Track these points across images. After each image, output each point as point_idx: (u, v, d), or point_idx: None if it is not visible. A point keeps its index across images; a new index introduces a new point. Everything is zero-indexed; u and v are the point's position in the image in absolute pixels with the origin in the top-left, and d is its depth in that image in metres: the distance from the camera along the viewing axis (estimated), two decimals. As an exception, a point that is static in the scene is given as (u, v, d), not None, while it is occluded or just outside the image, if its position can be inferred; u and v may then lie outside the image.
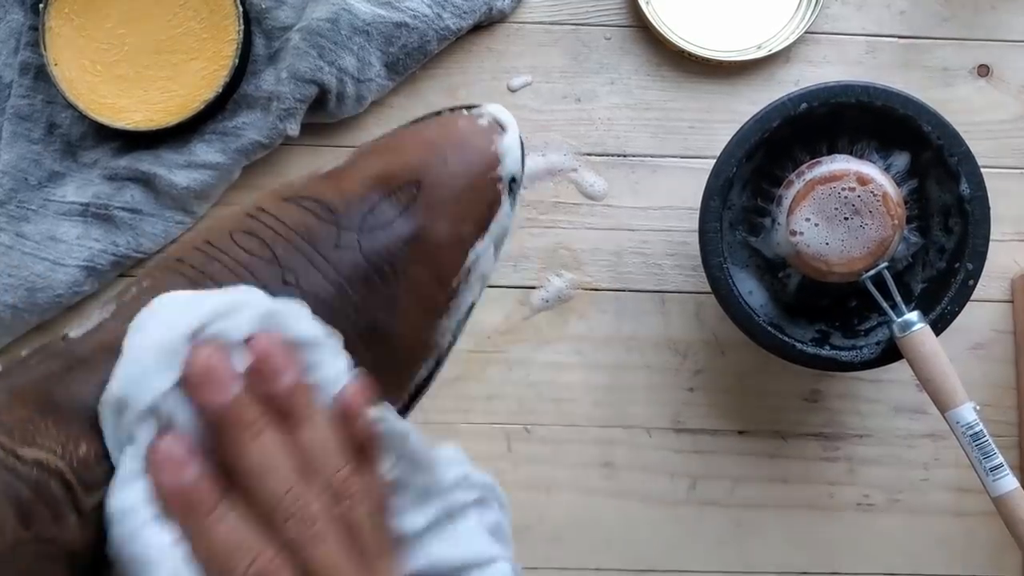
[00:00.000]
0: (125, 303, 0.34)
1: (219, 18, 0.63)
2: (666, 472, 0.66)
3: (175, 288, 0.34)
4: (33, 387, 0.32)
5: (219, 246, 0.36)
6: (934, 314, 0.57)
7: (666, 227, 0.67)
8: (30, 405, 0.31)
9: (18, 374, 0.32)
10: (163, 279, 0.35)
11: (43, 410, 0.31)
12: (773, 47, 0.66)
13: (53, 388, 0.32)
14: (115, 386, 0.30)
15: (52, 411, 0.31)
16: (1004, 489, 0.54)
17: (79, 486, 0.31)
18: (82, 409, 0.31)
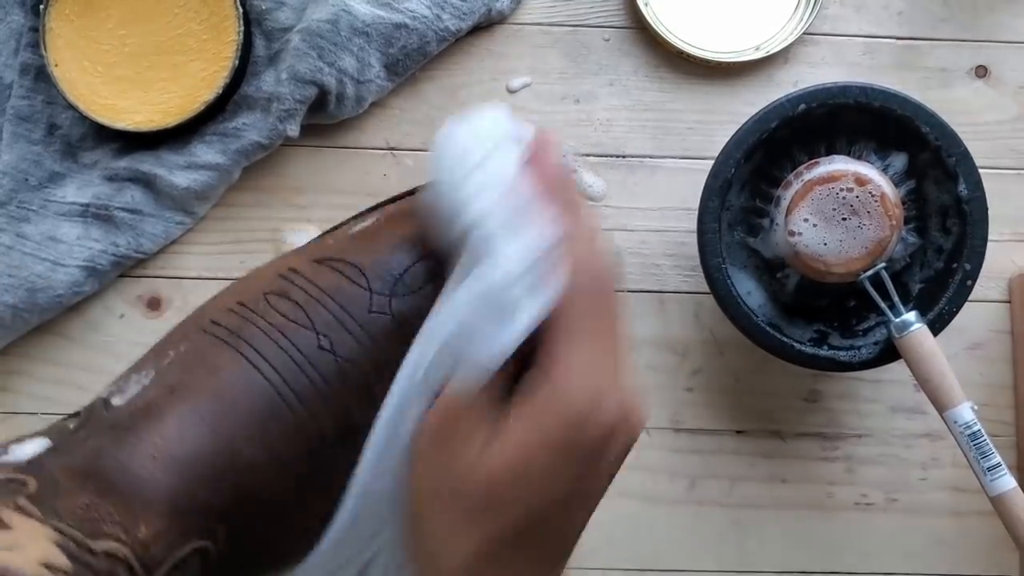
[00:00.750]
0: (163, 368, 0.35)
1: (219, 19, 0.63)
2: (665, 472, 0.67)
3: (214, 354, 0.34)
4: (88, 466, 0.32)
5: (253, 308, 0.36)
6: (932, 314, 0.57)
7: (665, 228, 0.67)
8: (89, 487, 0.31)
9: (70, 451, 0.32)
10: (201, 342, 0.35)
11: (102, 492, 0.31)
12: (771, 48, 0.66)
13: (107, 465, 0.32)
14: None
15: (110, 492, 0.31)
16: (1002, 488, 0.54)
17: (141, 569, 0.31)
18: (136, 483, 0.31)
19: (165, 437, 0.34)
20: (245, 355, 0.35)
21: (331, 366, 0.35)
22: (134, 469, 0.32)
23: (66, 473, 0.31)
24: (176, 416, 0.34)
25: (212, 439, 0.34)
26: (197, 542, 0.33)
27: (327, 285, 0.37)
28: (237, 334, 0.35)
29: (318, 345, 0.36)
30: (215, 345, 0.35)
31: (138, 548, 0.31)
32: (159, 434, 0.32)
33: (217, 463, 0.34)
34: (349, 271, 0.38)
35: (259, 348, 0.35)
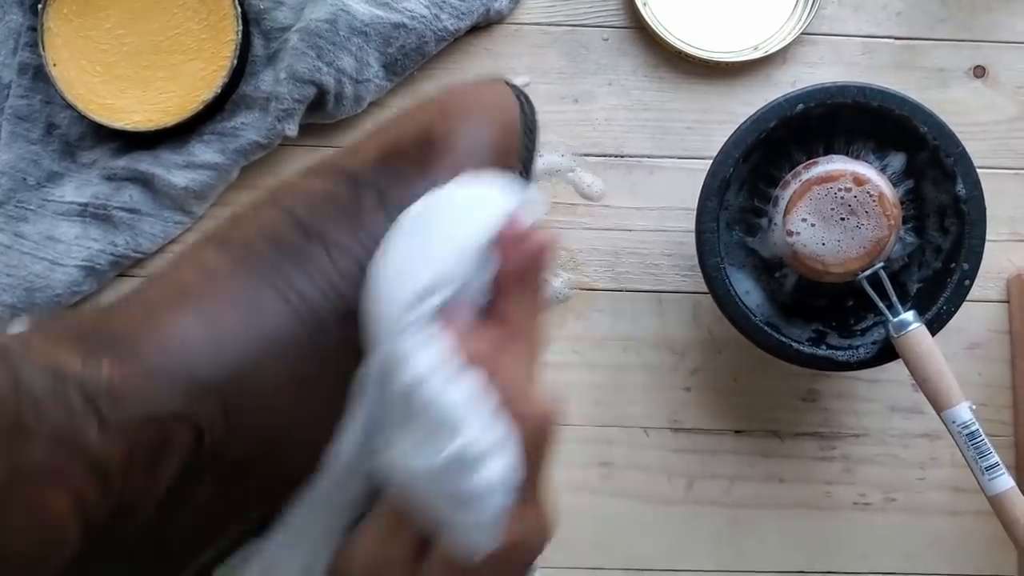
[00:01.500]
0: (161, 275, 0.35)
1: (217, 19, 0.63)
2: (663, 471, 0.67)
3: (209, 258, 0.35)
4: (67, 329, 0.32)
5: (242, 215, 0.37)
6: (930, 314, 0.57)
7: (663, 227, 0.67)
8: (62, 344, 0.31)
9: (51, 325, 0.32)
10: (200, 252, 0.36)
11: (69, 340, 0.31)
12: (770, 48, 0.66)
13: (84, 330, 0.32)
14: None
15: (77, 340, 0.31)
16: (1000, 488, 0.54)
17: (104, 399, 0.30)
18: (113, 340, 0.31)
19: (156, 315, 0.34)
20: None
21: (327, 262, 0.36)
22: (111, 329, 0.31)
23: (44, 334, 0.31)
24: (171, 306, 0.34)
25: (205, 323, 0.34)
26: (183, 412, 0.32)
27: (315, 188, 0.38)
28: (226, 237, 0.36)
29: (306, 237, 0.36)
30: (208, 248, 0.36)
31: (101, 381, 0.30)
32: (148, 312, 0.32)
33: (210, 342, 0.33)
34: (337, 175, 0.39)
35: (248, 246, 0.36)
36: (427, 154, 0.39)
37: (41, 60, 0.63)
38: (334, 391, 0.35)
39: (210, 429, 0.32)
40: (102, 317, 0.34)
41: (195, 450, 0.32)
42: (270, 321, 0.34)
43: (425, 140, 0.39)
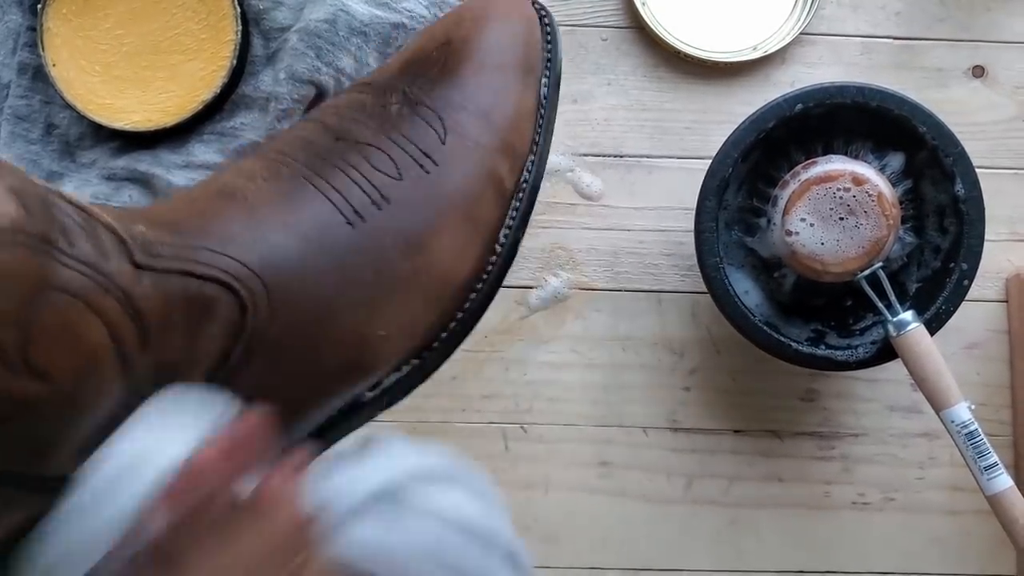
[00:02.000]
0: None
1: (217, 19, 0.63)
2: (662, 471, 0.67)
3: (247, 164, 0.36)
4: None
5: (276, 134, 0.39)
6: (929, 314, 0.57)
7: (662, 227, 0.67)
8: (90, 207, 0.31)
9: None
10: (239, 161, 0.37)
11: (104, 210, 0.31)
12: (769, 48, 0.66)
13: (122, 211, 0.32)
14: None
15: (114, 213, 0.31)
16: (998, 488, 0.54)
17: (137, 249, 0.30)
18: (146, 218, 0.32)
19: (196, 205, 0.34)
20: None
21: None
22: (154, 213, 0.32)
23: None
24: (212, 199, 0.34)
25: (246, 214, 0.34)
26: (222, 279, 0.32)
27: (344, 101, 0.39)
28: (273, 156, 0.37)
29: (335, 137, 0.37)
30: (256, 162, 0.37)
31: (133, 233, 0.30)
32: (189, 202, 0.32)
33: (250, 229, 0.34)
34: (363, 88, 0.40)
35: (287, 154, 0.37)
36: (448, 56, 0.39)
37: (40, 60, 0.63)
38: (375, 281, 0.36)
39: (254, 306, 0.32)
40: (141, 209, 0.34)
41: (240, 325, 0.32)
42: (308, 214, 0.35)
43: (445, 44, 0.40)
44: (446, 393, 0.66)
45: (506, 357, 0.67)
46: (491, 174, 0.39)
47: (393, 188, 0.37)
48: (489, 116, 0.39)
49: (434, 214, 0.37)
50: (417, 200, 0.37)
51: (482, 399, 0.66)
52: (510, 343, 0.67)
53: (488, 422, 0.66)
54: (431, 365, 0.39)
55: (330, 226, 0.35)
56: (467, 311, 0.40)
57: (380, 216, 0.36)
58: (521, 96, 0.41)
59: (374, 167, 0.37)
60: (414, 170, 0.37)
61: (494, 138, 0.39)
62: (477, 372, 0.66)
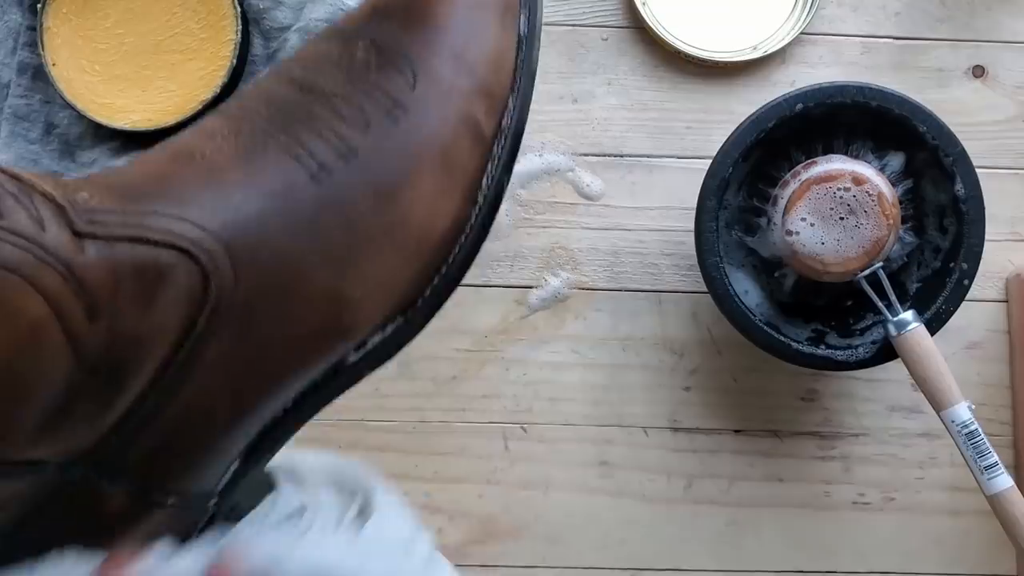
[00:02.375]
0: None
1: (217, 18, 0.63)
2: (663, 471, 0.67)
3: (208, 124, 0.35)
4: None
5: (241, 90, 0.37)
6: (929, 313, 0.57)
7: (662, 227, 0.67)
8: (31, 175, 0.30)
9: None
10: (200, 122, 0.36)
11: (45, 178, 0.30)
12: (769, 48, 0.66)
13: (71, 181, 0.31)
14: None
15: (56, 182, 0.30)
16: (999, 488, 0.54)
17: (78, 215, 0.29)
18: (97, 185, 0.31)
19: (150, 168, 0.32)
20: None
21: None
22: (109, 180, 0.31)
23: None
24: (169, 163, 0.33)
25: (205, 176, 0.33)
26: (176, 243, 0.30)
27: (309, 51, 0.37)
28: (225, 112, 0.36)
29: (299, 88, 0.36)
30: (213, 119, 0.36)
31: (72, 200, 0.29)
32: (143, 167, 0.31)
33: (211, 192, 0.32)
34: (329, 33, 0.38)
35: (240, 115, 0.35)
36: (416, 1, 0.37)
37: (40, 60, 0.63)
38: (346, 238, 0.34)
39: (216, 272, 0.31)
40: (90, 175, 0.33)
41: (202, 292, 0.31)
42: (271, 172, 0.33)
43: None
44: (446, 393, 0.66)
45: (506, 357, 0.67)
46: (467, 118, 0.37)
47: (361, 139, 0.35)
48: (462, 57, 0.37)
49: (405, 164, 0.35)
50: (386, 150, 0.35)
51: (482, 399, 0.66)
52: (510, 343, 0.67)
53: (488, 422, 0.66)
54: (416, 323, 0.37)
55: (295, 183, 0.33)
56: (451, 265, 0.37)
57: (347, 169, 0.34)
58: (498, 35, 0.38)
59: (340, 118, 0.35)
60: (383, 119, 0.35)
61: (469, 80, 0.37)
62: (477, 372, 0.66)
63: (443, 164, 0.36)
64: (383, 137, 0.35)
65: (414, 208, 0.35)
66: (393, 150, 0.35)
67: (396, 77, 0.36)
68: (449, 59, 0.37)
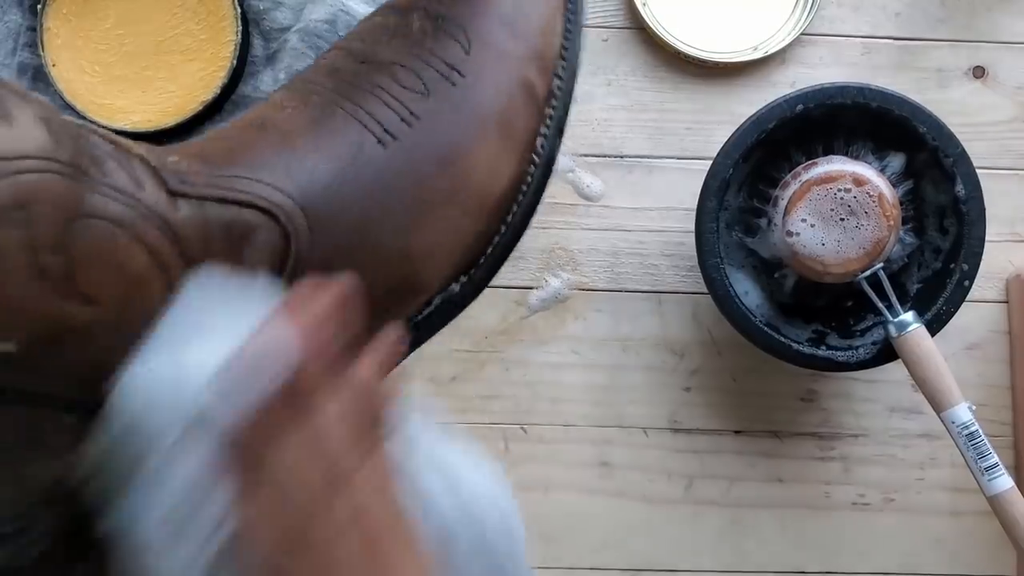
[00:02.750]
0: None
1: (217, 19, 0.63)
2: (663, 472, 0.67)
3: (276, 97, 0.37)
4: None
5: (310, 66, 0.39)
6: (929, 314, 0.57)
7: (663, 228, 0.67)
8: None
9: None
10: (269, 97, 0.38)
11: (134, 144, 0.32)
12: (769, 49, 0.66)
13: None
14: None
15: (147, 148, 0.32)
16: (999, 488, 0.54)
17: (171, 176, 0.30)
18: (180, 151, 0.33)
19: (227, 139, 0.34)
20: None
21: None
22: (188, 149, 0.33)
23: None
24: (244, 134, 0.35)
25: (278, 145, 0.34)
26: (260, 204, 0.32)
27: (367, 24, 0.40)
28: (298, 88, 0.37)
29: (359, 60, 0.38)
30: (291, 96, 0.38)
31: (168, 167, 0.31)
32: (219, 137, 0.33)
33: (284, 160, 0.34)
34: (386, 11, 0.39)
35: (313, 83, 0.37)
36: None
37: (40, 60, 0.63)
38: (413, 198, 0.35)
39: (296, 235, 0.33)
40: (178, 145, 0.35)
41: (283, 251, 0.33)
42: (340, 137, 0.35)
43: None
44: (446, 393, 0.66)
45: (506, 358, 0.66)
46: (521, 81, 0.38)
47: (422, 104, 0.36)
48: (514, 23, 0.38)
49: (466, 126, 0.37)
50: (447, 114, 0.36)
51: (482, 399, 0.66)
52: (510, 344, 0.67)
53: (488, 422, 0.66)
54: (478, 282, 0.39)
55: (362, 147, 0.35)
56: (509, 225, 0.40)
57: (411, 133, 0.36)
58: (546, 1, 0.39)
59: (401, 86, 0.37)
60: (442, 84, 0.37)
61: (521, 45, 0.38)
62: (477, 373, 0.66)
63: (500, 126, 0.38)
64: (443, 102, 0.37)
65: (475, 169, 0.37)
66: (453, 114, 0.37)
67: (451, 45, 0.37)
68: (501, 25, 0.38)
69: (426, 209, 0.36)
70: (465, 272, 0.39)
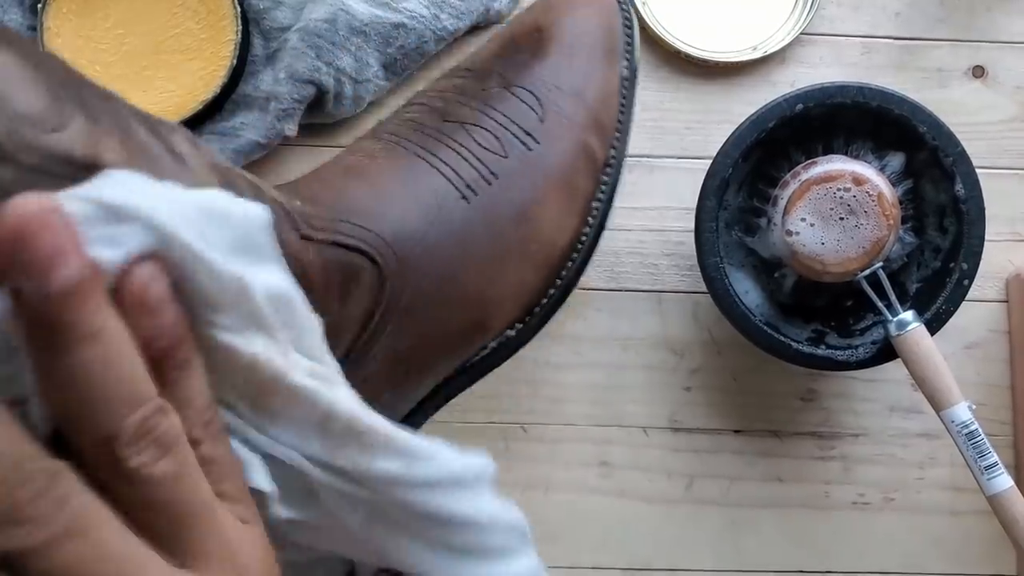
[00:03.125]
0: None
1: (217, 19, 0.63)
2: (663, 471, 0.67)
3: (366, 145, 0.40)
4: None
5: (387, 118, 0.42)
6: (929, 314, 0.57)
7: (662, 227, 0.67)
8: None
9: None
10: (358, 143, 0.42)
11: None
12: (769, 48, 0.66)
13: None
14: None
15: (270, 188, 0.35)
16: (999, 488, 0.54)
17: (298, 218, 0.33)
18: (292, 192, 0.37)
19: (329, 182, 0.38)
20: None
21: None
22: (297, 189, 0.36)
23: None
24: (342, 177, 0.38)
25: (372, 190, 0.37)
26: (364, 249, 0.35)
27: (444, 85, 0.44)
28: (375, 137, 0.41)
29: (443, 119, 0.41)
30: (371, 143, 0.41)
31: (295, 208, 0.33)
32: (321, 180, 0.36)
33: (377, 203, 0.37)
34: (462, 73, 0.44)
35: (395, 134, 0.41)
36: (539, 40, 0.43)
37: (41, 60, 0.63)
38: (491, 248, 0.39)
39: (389, 275, 0.36)
40: (288, 184, 0.38)
41: (379, 292, 0.35)
42: (426, 188, 0.38)
43: (536, 30, 0.43)
44: (446, 393, 0.66)
45: (506, 357, 0.66)
46: (585, 148, 0.42)
47: (500, 164, 0.40)
48: (582, 95, 0.42)
49: (539, 186, 0.40)
50: (522, 174, 0.40)
51: (482, 399, 0.66)
52: (510, 343, 0.67)
53: (488, 422, 0.66)
54: (534, 326, 0.43)
55: (447, 199, 0.38)
56: (565, 278, 0.44)
57: (491, 190, 0.39)
58: (607, 76, 0.43)
59: (481, 145, 0.40)
60: (518, 147, 0.40)
61: (586, 115, 0.42)
62: (477, 372, 0.66)
63: (566, 187, 0.42)
64: (519, 162, 0.40)
65: (544, 225, 0.41)
66: (528, 174, 0.40)
67: (525, 110, 0.41)
68: (570, 96, 0.42)
69: (502, 259, 0.39)
70: (521, 320, 0.43)
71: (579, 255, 0.44)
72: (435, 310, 0.37)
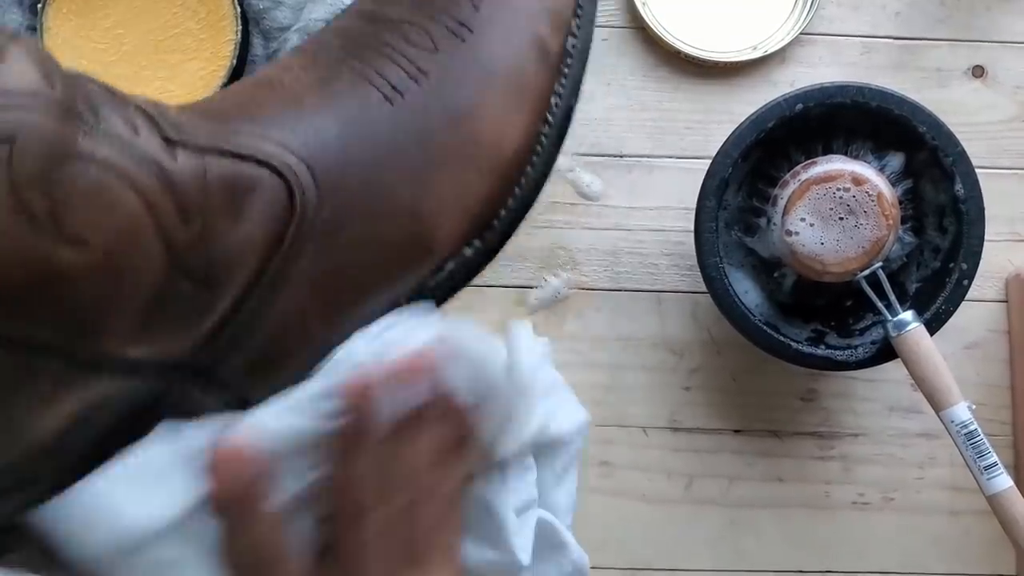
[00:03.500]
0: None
1: (217, 18, 0.63)
2: (663, 471, 0.67)
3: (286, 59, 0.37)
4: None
5: (321, 29, 0.39)
6: (929, 314, 0.57)
7: (662, 227, 0.67)
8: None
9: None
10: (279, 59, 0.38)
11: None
12: (769, 48, 0.66)
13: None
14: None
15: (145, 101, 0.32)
16: (998, 488, 0.54)
17: (169, 126, 0.30)
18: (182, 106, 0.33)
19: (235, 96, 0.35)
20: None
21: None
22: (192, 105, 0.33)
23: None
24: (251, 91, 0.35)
25: (284, 102, 0.35)
26: (262, 158, 0.32)
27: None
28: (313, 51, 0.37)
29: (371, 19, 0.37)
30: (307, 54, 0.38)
31: (167, 117, 0.31)
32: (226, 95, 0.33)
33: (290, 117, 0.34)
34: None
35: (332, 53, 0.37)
36: None
37: (40, 60, 0.63)
38: (422, 155, 0.35)
39: (300, 189, 0.33)
40: (183, 103, 0.34)
41: (289, 209, 0.32)
42: (347, 96, 0.35)
43: None
44: (446, 393, 0.66)
45: (506, 357, 0.66)
46: (532, 38, 0.38)
47: (430, 61, 0.36)
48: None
49: (474, 82, 0.37)
50: (456, 70, 0.36)
51: (482, 399, 0.66)
52: (510, 343, 0.66)
53: (488, 422, 0.66)
54: (492, 246, 0.39)
55: (370, 106, 0.35)
56: (523, 187, 0.39)
57: (419, 90, 0.36)
58: None
59: (410, 43, 0.37)
60: (450, 40, 0.37)
61: (534, 1, 0.38)
62: (477, 372, 0.66)
63: (511, 83, 0.37)
64: (451, 57, 0.37)
65: (486, 125, 0.37)
66: (461, 70, 0.36)
67: (462, 1, 0.37)
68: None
69: (435, 167, 0.36)
70: (478, 236, 0.38)
71: (539, 159, 0.39)
72: (362, 226, 0.34)
